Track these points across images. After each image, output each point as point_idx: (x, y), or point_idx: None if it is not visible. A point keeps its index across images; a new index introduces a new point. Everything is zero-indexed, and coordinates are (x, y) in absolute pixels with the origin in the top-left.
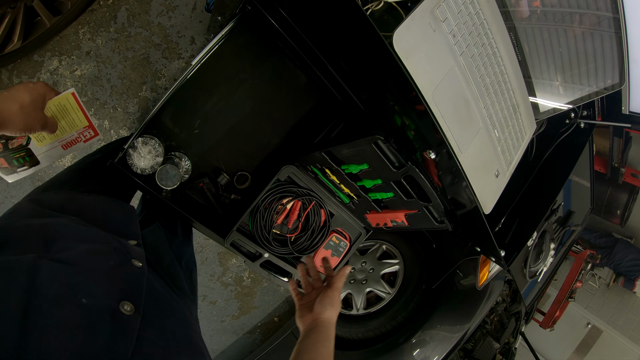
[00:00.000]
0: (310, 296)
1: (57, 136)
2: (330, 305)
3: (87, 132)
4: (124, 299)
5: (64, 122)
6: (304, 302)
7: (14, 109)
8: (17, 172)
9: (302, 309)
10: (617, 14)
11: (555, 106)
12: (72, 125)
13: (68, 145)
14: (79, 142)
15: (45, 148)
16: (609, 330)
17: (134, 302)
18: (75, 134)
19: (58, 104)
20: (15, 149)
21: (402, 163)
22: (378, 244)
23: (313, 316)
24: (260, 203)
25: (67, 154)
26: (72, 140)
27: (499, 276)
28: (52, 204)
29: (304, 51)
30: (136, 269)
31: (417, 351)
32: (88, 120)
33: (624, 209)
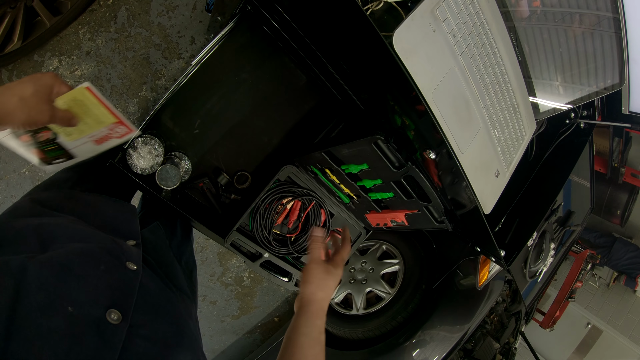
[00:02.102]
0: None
1: (85, 132)
2: (305, 281)
3: (119, 129)
4: (111, 306)
5: (88, 118)
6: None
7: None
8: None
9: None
10: (617, 14)
11: (555, 106)
12: (98, 122)
13: (101, 141)
14: (113, 139)
15: (76, 143)
16: (609, 330)
17: (122, 310)
18: (106, 130)
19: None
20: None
21: (402, 163)
22: (378, 244)
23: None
24: (260, 203)
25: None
26: (104, 137)
27: (499, 276)
28: (52, 203)
29: (304, 51)
30: (129, 272)
31: (417, 351)
32: (116, 117)
33: (624, 209)
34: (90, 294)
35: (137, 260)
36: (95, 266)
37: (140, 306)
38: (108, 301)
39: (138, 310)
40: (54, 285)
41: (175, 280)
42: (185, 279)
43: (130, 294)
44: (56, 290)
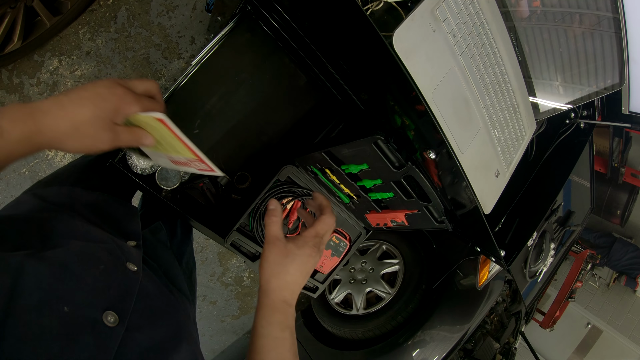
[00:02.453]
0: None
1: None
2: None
3: (200, 165)
4: (109, 308)
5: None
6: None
7: (63, 125)
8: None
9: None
10: (617, 14)
11: (555, 106)
12: (175, 150)
13: (178, 164)
14: (191, 168)
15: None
16: (609, 330)
17: (119, 312)
18: (184, 159)
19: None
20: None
21: (402, 163)
22: (378, 244)
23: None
24: (260, 203)
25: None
26: (182, 163)
27: (499, 276)
28: (54, 199)
29: (304, 51)
30: (130, 274)
31: (417, 351)
32: (195, 154)
33: (624, 209)
34: (88, 294)
35: (137, 262)
36: (94, 266)
37: (139, 309)
38: (105, 303)
39: (136, 313)
40: (51, 285)
41: (175, 281)
42: (185, 280)
43: (129, 296)
44: (52, 289)
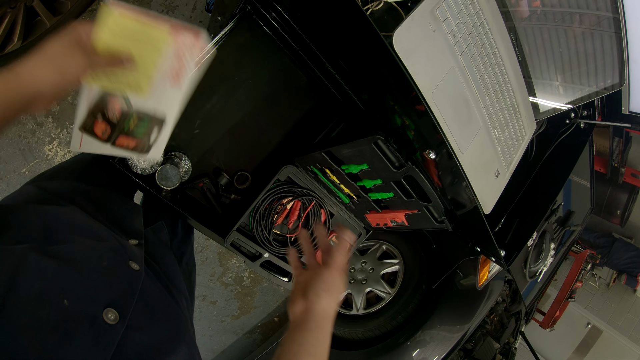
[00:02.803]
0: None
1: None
2: (325, 291)
3: (183, 40)
4: (110, 305)
5: (140, 48)
6: (301, 280)
7: (39, 62)
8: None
9: (296, 291)
10: (617, 14)
11: (555, 106)
12: (154, 46)
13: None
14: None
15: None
16: (609, 330)
17: (120, 310)
18: (172, 53)
19: (110, 31)
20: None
21: (402, 163)
22: (378, 244)
23: (305, 304)
24: (260, 203)
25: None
26: (178, 66)
27: (499, 276)
28: (58, 192)
29: (304, 51)
30: (132, 272)
31: (417, 351)
32: (166, 24)
33: (624, 209)
34: (89, 290)
35: (139, 261)
36: (97, 262)
37: (140, 308)
38: (106, 300)
39: (137, 312)
40: (52, 276)
41: (175, 281)
42: (184, 280)
43: (131, 294)
44: (54, 281)
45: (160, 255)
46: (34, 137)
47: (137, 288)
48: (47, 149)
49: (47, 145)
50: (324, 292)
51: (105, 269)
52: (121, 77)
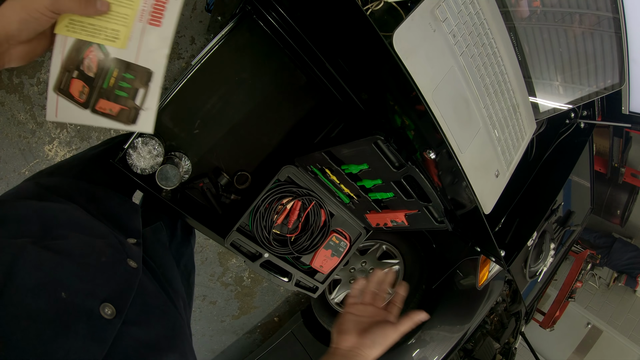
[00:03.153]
0: (365, 309)
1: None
2: (380, 345)
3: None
4: (107, 300)
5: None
6: (355, 312)
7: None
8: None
9: (349, 321)
10: (617, 14)
11: (555, 106)
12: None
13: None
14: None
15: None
16: (609, 330)
17: (117, 305)
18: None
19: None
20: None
21: (402, 163)
22: (378, 244)
23: (357, 343)
24: (260, 203)
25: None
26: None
27: (499, 276)
28: (57, 189)
29: (304, 51)
30: (130, 269)
31: (417, 351)
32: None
33: (624, 209)
34: (87, 284)
35: (137, 259)
36: (96, 257)
37: (137, 305)
38: (104, 294)
39: (134, 309)
40: (51, 268)
41: (172, 282)
42: (183, 282)
43: (128, 291)
44: (52, 272)
45: (158, 255)
46: (34, 137)
47: (134, 285)
48: (47, 149)
49: (47, 145)
50: (379, 346)
51: (103, 264)
52: (97, 26)
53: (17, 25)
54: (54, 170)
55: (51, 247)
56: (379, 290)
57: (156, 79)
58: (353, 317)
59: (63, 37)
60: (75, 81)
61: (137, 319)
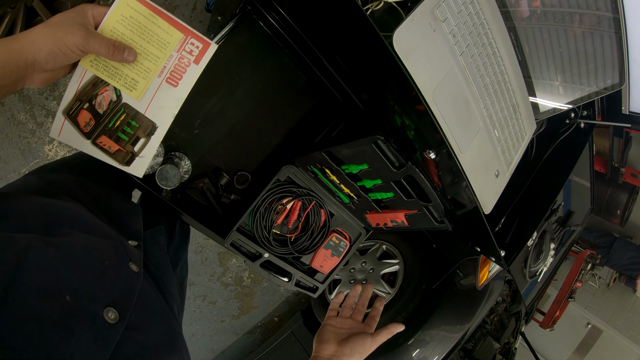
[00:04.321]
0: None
1: (151, 69)
2: (359, 353)
3: (190, 46)
4: (110, 305)
5: (146, 44)
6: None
7: (38, 28)
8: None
9: (329, 331)
10: (617, 14)
11: (555, 106)
12: (161, 45)
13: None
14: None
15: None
16: (609, 330)
17: (120, 310)
18: (176, 55)
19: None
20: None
21: (402, 163)
22: (378, 244)
23: (336, 351)
24: (260, 203)
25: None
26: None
27: (499, 276)
28: (60, 185)
29: (304, 51)
30: (132, 273)
31: (417, 351)
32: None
33: (624, 209)
34: (92, 288)
35: (138, 262)
36: (100, 260)
37: (138, 309)
38: (107, 299)
39: (136, 313)
40: (56, 271)
41: (168, 287)
42: (177, 286)
43: (130, 295)
44: (58, 275)
45: (157, 259)
46: (34, 137)
47: (136, 289)
48: (47, 149)
49: (47, 145)
50: (357, 354)
51: (106, 267)
52: (119, 71)
53: (46, 55)
54: (57, 166)
55: (55, 244)
56: (357, 305)
57: (158, 133)
58: (333, 328)
59: (84, 69)
60: (84, 112)
61: (139, 324)
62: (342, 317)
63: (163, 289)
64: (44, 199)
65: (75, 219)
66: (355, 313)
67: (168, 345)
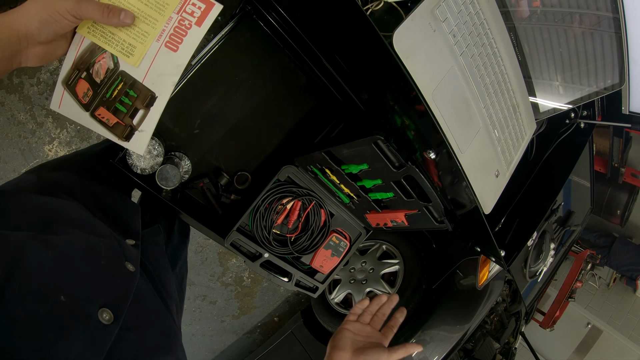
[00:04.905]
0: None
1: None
2: None
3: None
4: (105, 305)
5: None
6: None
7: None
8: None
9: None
10: (617, 14)
11: (555, 106)
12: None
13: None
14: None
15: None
16: (609, 330)
17: (115, 311)
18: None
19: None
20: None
21: (402, 163)
22: (378, 244)
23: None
24: (260, 203)
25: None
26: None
27: (499, 276)
28: (59, 184)
29: (304, 51)
30: (128, 273)
31: (417, 351)
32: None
33: (624, 209)
34: (86, 288)
35: (135, 262)
36: (95, 261)
37: (133, 310)
38: (102, 299)
39: (131, 314)
40: (51, 271)
41: (167, 286)
42: (176, 286)
43: (125, 296)
44: (53, 276)
45: (155, 258)
46: (34, 137)
47: (131, 290)
48: (47, 149)
49: (47, 145)
50: None
51: (102, 267)
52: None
53: (37, 24)
54: (56, 165)
55: (52, 244)
56: (378, 313)
57: (158, 104)
58: (350, 335)
59: (81, 36)
60: (82, 82)
61: (134, 324)
62: (361, 323)
63: (160, 288)
64: (41, 197)
65: (72, 218)
66: (374, 321)
67: (164, 345)
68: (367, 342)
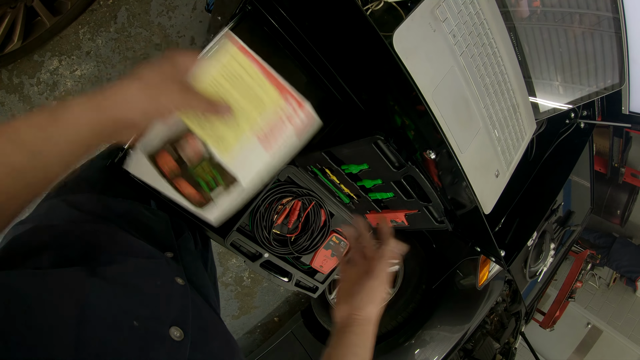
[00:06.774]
0: (357, 270)
1: (243, 127)
2: (368, 302)
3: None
4: (173, 323)
5: (241, 99)
6: (347, 279)
7: (132, 85)
8: (210, 201)
9: (342, 292)
10: (617, 14)
11: (555, 106)
12: (257, 103)
13: (270, 139)
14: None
15: (235, 154)
16: (609, 330)
17: (182, 327)
18: (273, 117)
19: (219, 71)
20: (196, 164)
21: (402, 163)
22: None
23: (349, 309)
24: (260, 203)
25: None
26: (273, 131)
27: (499, 276)
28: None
29: (304, 51)
30: (180, 288)
31: (417, 351)
32: (281, 88)
33: (624, 209)
34: (153, 310)
35: (182, 275)
36: (152, 281)
37: (195, 322)
38: (170, 318)
39: (193, 327)
40: (117, 300)
41: (208, 291)
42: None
43: (185, 310)
44: (120, 306)
45: (193, 266)
46: None
47: (189, 303)
48: None
49: None
50: (368, 303)
51: (159, 287)
52: (210, 124)
53: (140, 115)
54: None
55: (106, 276)
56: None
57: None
58: (344, 285)
59: (177, 117)
60: (166, 155)
61: (199, 338)
62: (355, 265)
63: (205, 294)
64: (78, 225)
65: (115, 243)
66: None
67: (229, 355)
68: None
